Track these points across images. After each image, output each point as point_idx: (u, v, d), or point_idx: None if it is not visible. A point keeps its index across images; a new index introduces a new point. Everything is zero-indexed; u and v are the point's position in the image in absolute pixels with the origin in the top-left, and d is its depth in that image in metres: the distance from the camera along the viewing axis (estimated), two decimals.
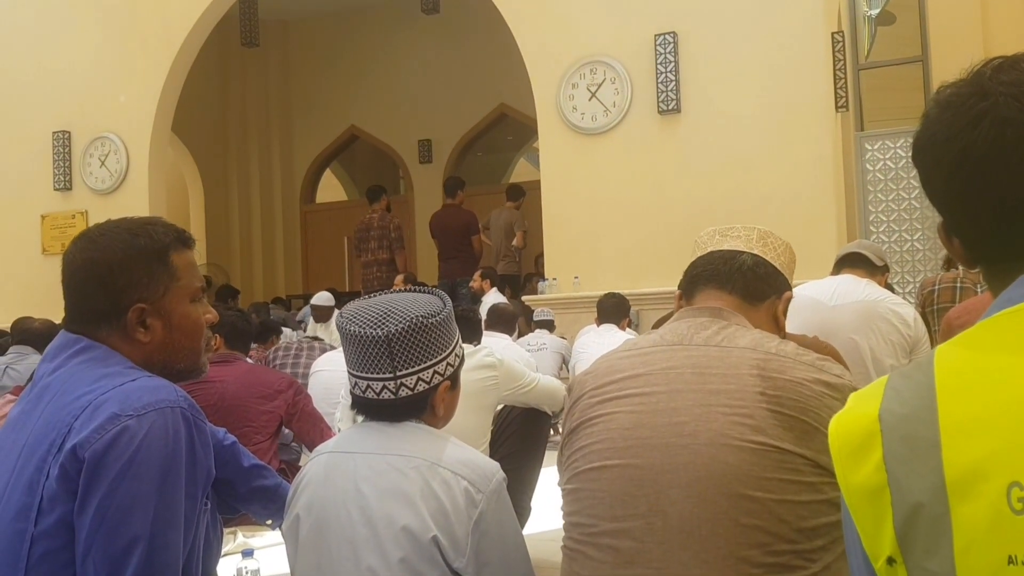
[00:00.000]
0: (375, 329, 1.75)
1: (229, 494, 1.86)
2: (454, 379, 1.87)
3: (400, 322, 1.76)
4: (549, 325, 6.91)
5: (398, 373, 1.77)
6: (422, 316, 1.77)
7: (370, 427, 1.83)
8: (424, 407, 1.82)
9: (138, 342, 1.53)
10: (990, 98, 0.89)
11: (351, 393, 1.85)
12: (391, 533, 1.68)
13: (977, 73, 0.92)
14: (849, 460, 0.87)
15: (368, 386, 1.79)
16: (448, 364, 1.83)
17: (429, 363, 1.79)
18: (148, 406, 1.39)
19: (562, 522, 1.66)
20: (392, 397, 1.78)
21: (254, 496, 1.94)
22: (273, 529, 2.08)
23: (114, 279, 1.51)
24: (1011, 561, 0.76)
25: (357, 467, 1.78)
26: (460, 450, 1.77)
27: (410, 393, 1.78)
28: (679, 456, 1.48)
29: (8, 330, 6.08)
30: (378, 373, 1.77)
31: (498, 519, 1.72)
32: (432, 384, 1.80)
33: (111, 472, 1.35)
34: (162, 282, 1.54)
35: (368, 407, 1.82)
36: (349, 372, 1.83)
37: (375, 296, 1.88)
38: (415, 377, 1.78)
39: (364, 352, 1.77)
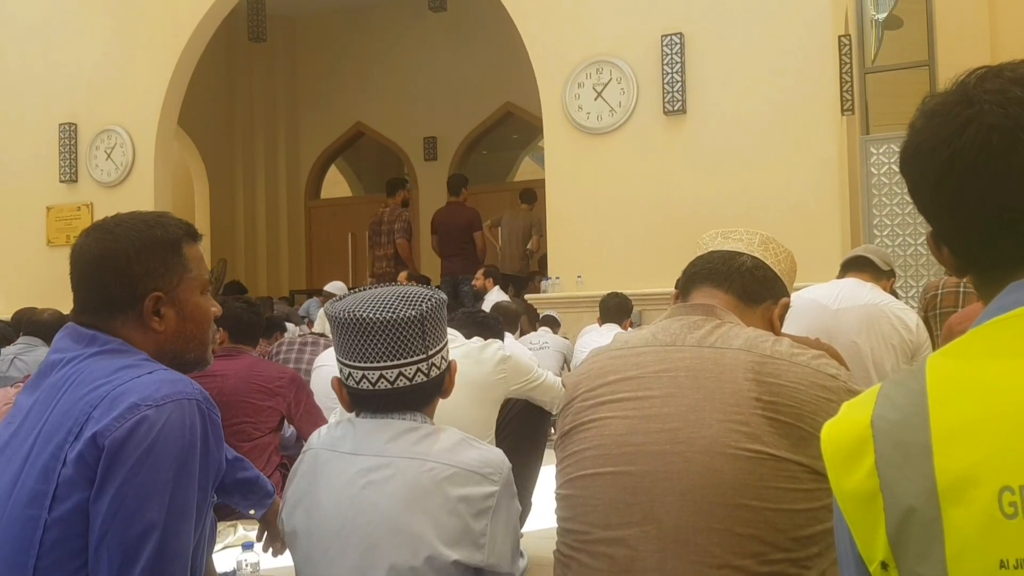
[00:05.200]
0: (410, 310, 1.69)
1: (217, 487, 1.91)
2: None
3: (422, 303, 1.71)
4: (553, 323, 6.90)
5: (430, 352, 1.73)
6: (436, 300, 1.75)
7: (374, 424, 1.74)
8: (442, 387, 1.79)
9: (152, 331, 1.55)
10: (975, 105, 0.89)
11: (355, 390, 1.75)
12: (404, 539, 1.64)
13: (961, 83, 0.93)
14: (842, 466, 0.87)
15: (400, 373, 1.70)
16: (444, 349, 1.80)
17: (443, 344, 1.77)
18: (167, 397, 1.42)
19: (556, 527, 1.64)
20: (424, 380, 1.72)
21: (237, 488, 2.03)
22: (257, 519, 2.14)
23: (131, 268, 1.53)
24: (1003, 565, 0.77)
25: (360, 470, 1.70)
26: (469, 447, 1.72)
27: (438, 373, 1.75)
28: (674, 463, 1.46)
29: (8, 320, 6.08)
30: (411, 356, 1.70)
31: (507, 508, 1.69)
32: (445, 368, 1.78)
33: (130, 460, 1.37)
34: (176, 272, 1.57)
35: (387, 396, 1.72)
36: (358, 367, 1.73)
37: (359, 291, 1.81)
38: (440, 356, 1.76)
39: (393, 335, 1.69)
